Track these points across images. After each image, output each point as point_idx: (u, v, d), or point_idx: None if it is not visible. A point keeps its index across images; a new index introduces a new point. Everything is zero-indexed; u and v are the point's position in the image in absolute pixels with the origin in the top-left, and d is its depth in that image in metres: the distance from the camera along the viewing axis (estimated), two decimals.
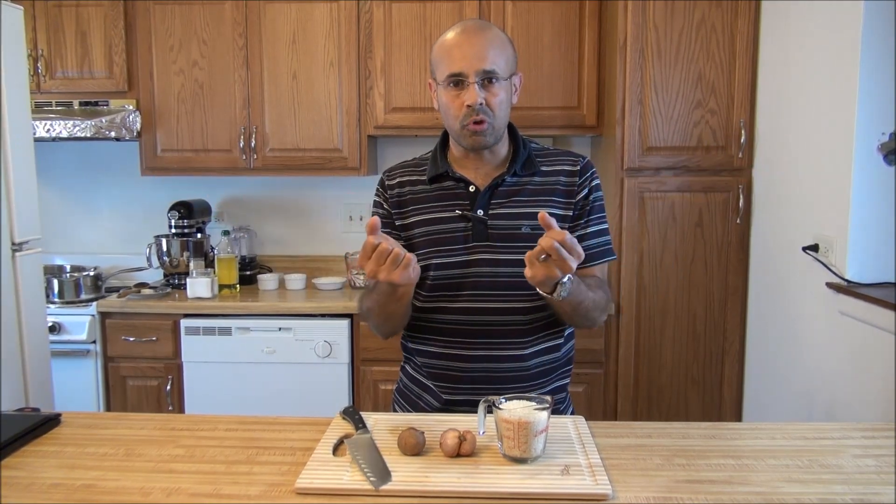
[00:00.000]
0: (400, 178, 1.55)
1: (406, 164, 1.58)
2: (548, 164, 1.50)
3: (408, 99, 2.93)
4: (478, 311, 1.45)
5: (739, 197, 2.66)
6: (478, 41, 1.40)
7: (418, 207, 1.50)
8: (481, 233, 1.44)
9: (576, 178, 1.48)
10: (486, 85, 1.40)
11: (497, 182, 1.46)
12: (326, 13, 2.93)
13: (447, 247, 1.45)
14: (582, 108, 2.91)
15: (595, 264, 1.49)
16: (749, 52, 2.61)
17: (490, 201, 1.45)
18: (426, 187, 1.51)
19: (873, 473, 1.14)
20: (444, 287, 1.46)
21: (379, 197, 1.57)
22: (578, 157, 1.52)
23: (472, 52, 1.38)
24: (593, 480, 1.08)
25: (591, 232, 1.49)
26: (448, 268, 1.45)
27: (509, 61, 1.43)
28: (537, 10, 2.87)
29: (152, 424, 1.37)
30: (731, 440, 1.28)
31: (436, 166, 1.50)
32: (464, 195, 1.47)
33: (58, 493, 1.08)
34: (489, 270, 1.44)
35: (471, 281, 1.45)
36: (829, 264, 2.13)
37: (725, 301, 2.72)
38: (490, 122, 1.41)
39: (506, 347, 1.45)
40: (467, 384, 1.46)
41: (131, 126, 2.95)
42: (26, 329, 1.98)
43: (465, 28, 1.43)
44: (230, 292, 2.97)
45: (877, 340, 1.91)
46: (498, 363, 1.45)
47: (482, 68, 1.38)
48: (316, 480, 1.09)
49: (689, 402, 2.76)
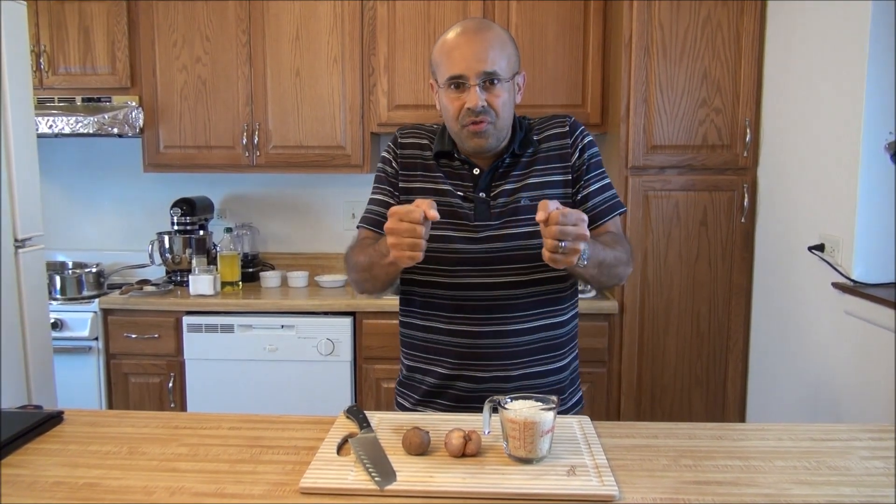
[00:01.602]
0: (414, 139, 1.53)
1: (419, 126, 1.56)
2: (537, 132, 1.50)
3: (411, 96, 2.92)
4: (482, 286, 1.44)
5: (744, 196, 2.65)
6: (478, 42, 1.37)
7: (426, 175, 1.49)
8: (483, 213, 1.44)
9: (567, 140, 1.48)
10: (488, 87, 1.38)
11: (497, 164, 1.46)
12: (330, 10, 2.92)
13: (449, 220, 1.44)
14: (586, 107, 2.90)
15: (606, 220, 1.48)
16: (755, 50, 2.60)
17: (491, 183, 1.46)
18: (432, 160, 1.50)
19: (882, 475, 1.13)
20: (444, 261, 1.45)
21: (389, 154, 1.54)
22: (565, 118, 1.51)
23: (472, 53, 1.36)
24: (599, 481, 1.08)
25: (593, 190, 1.48)
26: (450, 241, 1.44)
27: (511, 61, 1.41)
28: (542, 7, 2.86)
29: (155, 423, 1.36)
30: (737, 441, 1.27)
31: (442, 143, 1.49)
32: (467, 176, 1.47)
33: (61, 491, 1.08)
34: (494, 246, 1.43)
35: (474, 257, 1.44)
36: (834, 264, 2.12)
37: (730, 300, 2.71)
38: (492, 121, 1.39)
39: (518, 321, 1.45)
40: (471, 360, 1.46)
41: (134, 122, 2.95)
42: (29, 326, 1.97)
43: (465, 28, 1.41)
44: (232, 289, 2.97)
45: (882, 340, 1.90)
46: (508, 338, 1.45)
47: (483, 70, 1.36)
48: (320, 480, 1.08)
49: (693, 401, 2.75)
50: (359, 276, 1.47)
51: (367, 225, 1.54)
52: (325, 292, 2.98)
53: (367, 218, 1.55)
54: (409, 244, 1.22)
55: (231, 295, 2.91)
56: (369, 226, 1.53)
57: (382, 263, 1.35)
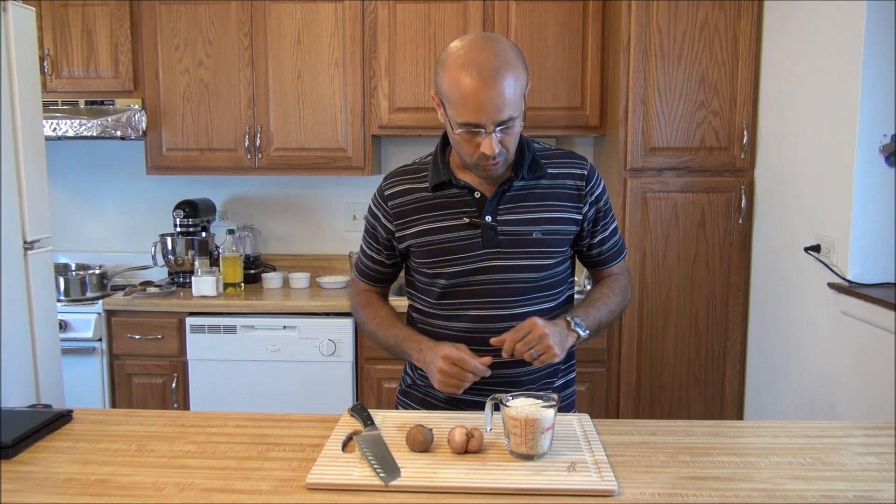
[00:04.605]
0: (401, 187, 1.50)
1: (404, 171, 1.53)
2: (553, 166, 1.48)
3: (412, 99, 2.95)
4: (489, 318, 1.45)
5: (742, 197, 2.68)
6: (495, 89, 1.28)
7: (423, 216, 1.46)
8: (491, 239, 1.43)
9: (583, 183, 1.48)
10: (503, 129, 1.33)
11: (504, 188, 1.44)
12: (331, 13, 2.95)
13: (457, 255, 1.44)
14: (585, 109, 2.92)
15: (614, 264, 1.58)
16: (752, 52, 2.63)
17: (498, 207, 1.44)
18: (428, 195, 1.47)
19: (875, 471, 1.15)
20: (454, 295, 1.46)
21: (377, 209, 1.53)
22: (583, 161, 1.52)
23: (490, 101, 1.28)
24: (599, 477, 1.10)
25: (607, 236, 1.55)
26: (459, 276, 1.44)
27: (524, 90, 1.35)
28: (541, 10, 2.88)
29: (163, 421, 1.39)
30: (734, 438, 1.30)
31: (437, 173, 1.46)
32: (470, 202, 1.45)
33: (72, 487, 1.10)
34: (501, 277, 1.44)
35: (482, 288, 1.44)
36: (830, 264, 2.14)
37: (727, 301, 2.73)
38: (504, 158, 1.38)
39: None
40: (483, 386, 1.43)
41: (137, 125, 2.97)
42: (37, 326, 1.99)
43: (481, 72, 1.28)
44: (235, 291, 2.99)
45: (878, 340, 1.92)
46: (507, 368, 1.44)
47: (500, 119, 1.31)
48: (326, 476, 1.11)
49: (691, 400, 2.78)
50: (373, 342, 1.59)
51: (362, 278, 1.64)
52: (326, 293, 3.00)
53: (362, 270, 1.63)
54: (454, 384, 1.33)
55: (233, 296, 2.93)
56: (364, 279, 1.63)
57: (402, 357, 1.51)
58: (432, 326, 1.51)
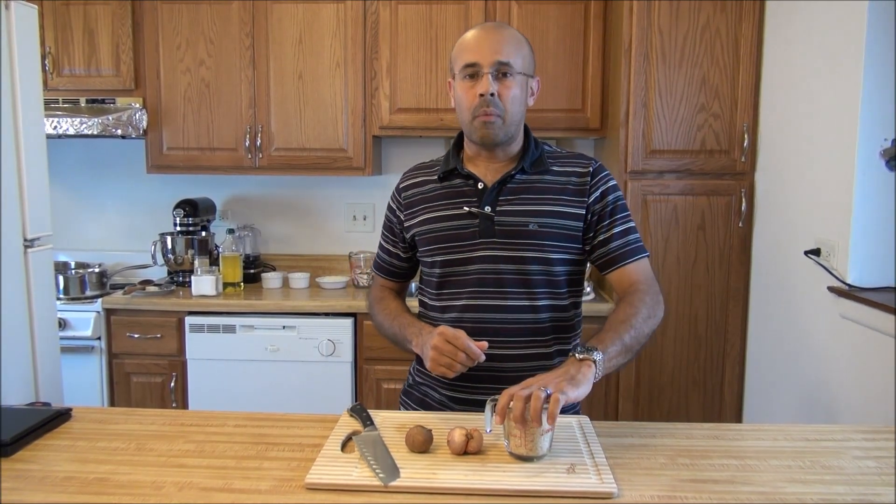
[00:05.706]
0: (412, 180, 1.58)
1: (421, 165, 1.61)
2: (559, 164, 1.50)
3: (413, 99, 2.95)
4: (481, 308, 1.45)
5: (742, 200, 2.68)
6: (495, 35, 1.43)
7: (426, 206, 1.52)
8: (487, 229, 1.45)
9: (587, 179, 1.48)
10: (500, 78, 1.41)
11: (505, 179, 1.46)
12: (333, 14, 2.95)
13: (453, 243, 1.47)
14: (586, 111, 2.92)
15: (626, 264, 1.46)
16: (753, 55, 2.63)
17: (498, 198, 1.46)
18: (436, 185, 1.53)
19: (874, 475, 1.15)
20: (449, 284, 1.49)
21: (393, 201, 1.61)
22: (590, 160, 1.52)
23: (489, 44, 1.41)
24: (598, 479, 1.10)
25: (616, 233, 1.47)
26: (454, 264, 1.47)
27: (526, 60, 1.45)
28: (542, 12, 2.88)
29: (162, 420, 1.38)
30: (733, 441, 1.30)
31: (446, 163, 1.53)
32: (471, 192, 1.48)
33: (72, 485, 1.10)
34: (494, 267, 1.45)
35: (475, 278, 1.46)
36: (830, 268, 2.15)
37: (727, 303, 2.73)
38: (499, 114, 1.41)
39: (510, 346, 1.45)
40: (472, 382, 1.46)
41: (137, 124, 2.97)
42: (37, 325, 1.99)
43: (485, 25, 1.48)
44: (234, 290, 2.99)
45: (877, 344, 1.92)
46: (502, 362, 1.44)
47: (497, 59, 1.40)
48: (325, 476, 1.11)
49: (690, 403, 2.78)
50: (383, 335, 1.60)
51: (380, 272, 1.68)
52: (326, 293, 3.00)
53: (379, 265, 1.67)
54: (446, 363, 1.31)
55: (233, 296, 2.93)
56: (381, 274, 1.68)
57: (405, 345, 1.50)
58: (431, 320, 1.52)
